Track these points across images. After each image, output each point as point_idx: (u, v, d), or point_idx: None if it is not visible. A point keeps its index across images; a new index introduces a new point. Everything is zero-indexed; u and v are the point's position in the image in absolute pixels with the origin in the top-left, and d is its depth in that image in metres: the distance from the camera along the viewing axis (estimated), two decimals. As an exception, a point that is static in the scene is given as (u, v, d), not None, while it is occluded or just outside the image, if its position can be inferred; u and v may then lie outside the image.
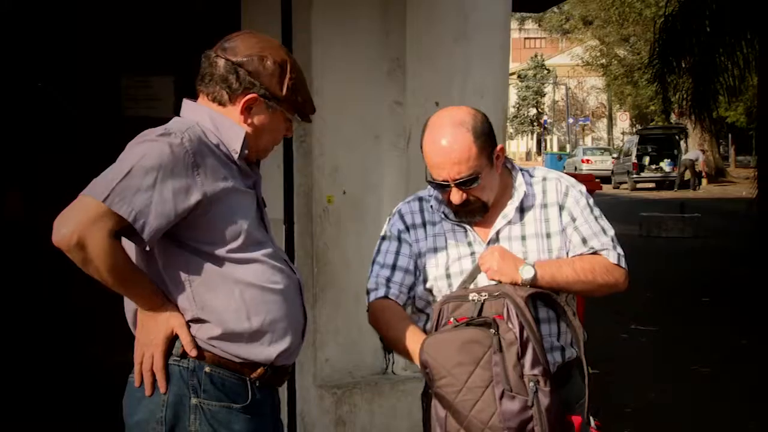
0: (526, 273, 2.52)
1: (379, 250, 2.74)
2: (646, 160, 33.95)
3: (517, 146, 68.90)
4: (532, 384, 2.37)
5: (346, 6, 4.74)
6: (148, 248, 2.22)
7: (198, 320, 2.30)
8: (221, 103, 2.38)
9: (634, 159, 33.84)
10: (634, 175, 33.94)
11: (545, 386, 2.38)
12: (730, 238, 16.58)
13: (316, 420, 4.69)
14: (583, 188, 2.74)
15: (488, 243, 2.65)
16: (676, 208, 18.85)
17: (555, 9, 44.76)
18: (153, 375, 2.30)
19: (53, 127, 6.37)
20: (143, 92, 6.51)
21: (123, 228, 2.17)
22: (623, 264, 2.71)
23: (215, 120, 2.37)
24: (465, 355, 2.38)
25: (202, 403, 2.28)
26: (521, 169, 2.74)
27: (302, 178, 4.63)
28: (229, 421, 2.30)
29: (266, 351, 2.35)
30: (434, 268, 2.68)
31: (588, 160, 39.55)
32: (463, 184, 2.57)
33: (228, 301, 2.29)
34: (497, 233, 2.66)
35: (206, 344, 2.31)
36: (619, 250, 2.71)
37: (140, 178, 2.17)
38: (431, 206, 2.74)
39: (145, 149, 2.22)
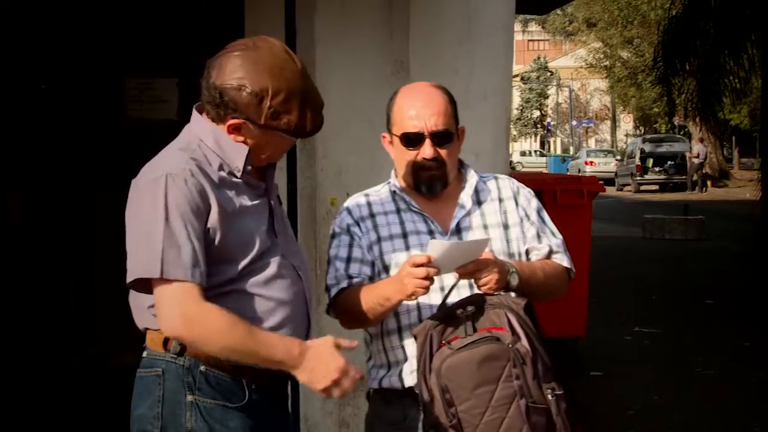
0: (514, 280, 2.51)
1: (331, 246, 2.71)
2: (650, 162, 33.93)
3: (520, 148, 68.89)
4: (549, 391, 2.35)
5: (350, 8, 4.75)
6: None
7: None
8: (214, 120, 2.38)
9: (637, 161, 33.83)
10: (638, 178, 33.93)
11: (559, 390, 2.37)
12: (734, 241, 16.55)
13: (319, 422, 4.69)
14: (531, 191, 2.82)
15: (449, 233, 2.63)
16: (679, 210, 18.84)
17: (558, 11, 44.87)
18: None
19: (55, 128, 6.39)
20: (147, 94, 6.52)
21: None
22: (573, 269, 2.76)
23: (218, 138, 2.37)
24: (485, 374, 2.33)
25: (197, 401, 2.31)
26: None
27: (306, 180, 4.63)
28: (224, 418, 2.32)
29: None
30: (393, 255, 2.63)
31: (591, 162, 39.57)
32: (438, 137, 2.60)
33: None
34: (458, 224, 2.65)
35: None
36: (568, 253, 2.76)
37: (171, 238, 2.22)
38: (393, 192, 2.72)
39: (156, 203, 2.25)
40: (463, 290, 2.54)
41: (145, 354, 2.40)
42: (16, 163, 6.35)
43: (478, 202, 2.70)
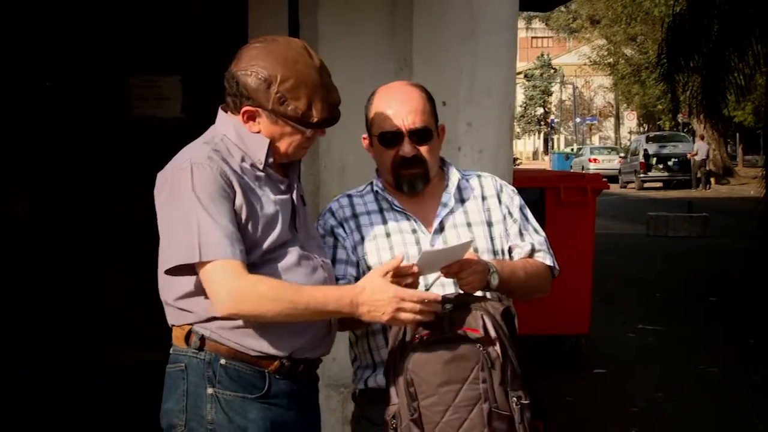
0: (494, 280, 2.50)
1: None
2: (654, 160, 33.92)
3: (524, 145, 68.88)
4: (515, 399, 2.33)
5: (353, 5, 4.75)
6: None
7: (214, 318, 2.36)
8: (232, 111, 2.46)
9: (641, 158, 33.81)
10: (642, 175, 33.91)
11: (526, 399, 2.34)
12: (738, 238, 16.55)
13: (322, 419, 4.68)
14: (515, 188, 2.80)
15: (433, 232, 2.63)
16: (683, 207, 18.83)
17: (562, 8, 44.68)
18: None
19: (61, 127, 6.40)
20: (151, 92, 6.53)
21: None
22: (557, 266, 2.74)
23: (239, 131, 2.44)
24: (452, 373, 2.32)
25: (217, 393, 2.35)
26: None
27: (309, 176, 4.64)
28: (243, 409, 2.36)
29: (283, 344, 2.39)
30: (377, 254, 2.62)
31: (595, 160, 39.53)
32: (416, 134, 2.59)
33: None
34: (441, 222, 2.65)
35: (221, 337, 2.36)
36: (551, 251, 2.74)
37: (205, 221, 2.28)
38: (376, 192, 2.71)
39: (185, 191, 2.31)
40: (448, 287, 2.54)
41: (171, 350, 2.45)
42: (22, 160, 6.37)
43: (461, 200, 2.70)
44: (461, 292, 2.49)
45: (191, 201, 2.29)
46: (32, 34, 6.26)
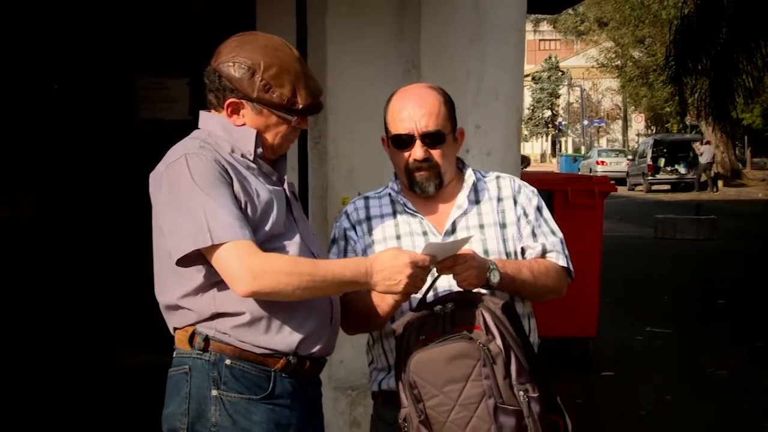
0: (494, 277, 2.49)
1: (330, 252, 2.72)
2: (662, 162, 33.87)
3: (531, 148, 68.79)
4: (521, 393, 2.32)
5: (361, 8, 4.75)
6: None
7: (218, 315, 2.35)
8: (215, 108, 2.47)
9: (649, 161, 33.77)
10: (650, 177, 33.86)
11: (534, 392, 2.33)
12: (746, 240, 16.51)
13: (330, 421, 4.69)
14: (535, 189, 2.78)
15: (444, 233, 2.63)
16: (691, 210, 18.79)
17: (570, 11, 44.70)
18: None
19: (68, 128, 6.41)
20: (158, 94, 6.54)
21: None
22: (572, 268, 2.72)
23: (225, 126, 2.45)
24: (454, 371, 2.31)
25: (222, 395, 2.34)
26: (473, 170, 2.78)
27: (317, 179, 4.64)
28: (248, 411, 2.34)
29: (287, 339, 2.38)
30: None
31: (603, 162, 39.46)
32: (429, 138, 2.59)
33: None
34: (453, 223, 2.65)
35: (226, 336, 2.35)
36: (567, 252, 2.72)
37: (209, 206, 2.27)
38: (389, 194, 2.72)
39: (183, 181, 2.31)
40: (455, 288, 2.52)
41: (174, 353, 2.43)
42: (29, 162, 6.38)
43: (476, 201, 2.70)
44: (459, 290, 2.49)
45: (192, 190, 2.29)
46: (39, 36, 6.27)
